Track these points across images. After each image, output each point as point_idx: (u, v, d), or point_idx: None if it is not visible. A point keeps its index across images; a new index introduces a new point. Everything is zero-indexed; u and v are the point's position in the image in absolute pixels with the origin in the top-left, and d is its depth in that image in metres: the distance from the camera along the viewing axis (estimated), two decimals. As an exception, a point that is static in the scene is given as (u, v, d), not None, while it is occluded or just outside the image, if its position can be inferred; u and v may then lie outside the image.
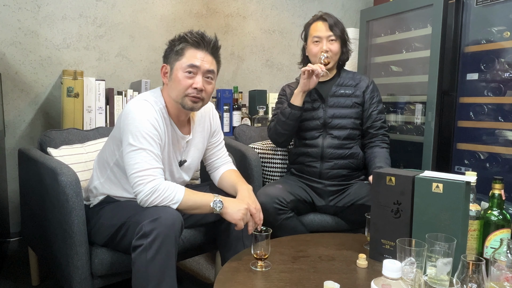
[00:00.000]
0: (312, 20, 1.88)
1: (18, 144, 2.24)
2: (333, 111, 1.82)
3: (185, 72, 1.35)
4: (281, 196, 1.66)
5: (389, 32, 2.65)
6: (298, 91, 1.75)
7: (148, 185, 1.26)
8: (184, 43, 1.37)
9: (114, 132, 1.43)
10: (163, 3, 2.62)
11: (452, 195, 1.10)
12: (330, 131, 1.81)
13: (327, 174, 1.79)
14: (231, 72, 2.94)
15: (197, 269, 2.06)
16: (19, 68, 2.22)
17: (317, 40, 1.82)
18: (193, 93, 1.36)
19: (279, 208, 1.64)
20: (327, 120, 1.81)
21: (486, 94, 2.13)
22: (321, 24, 1.83)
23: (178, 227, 1.23)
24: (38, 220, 1.60)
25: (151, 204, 1.27)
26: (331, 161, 1.80)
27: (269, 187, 1.74)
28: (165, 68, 1.41)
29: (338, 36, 1.82)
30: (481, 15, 2.12)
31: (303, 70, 1.70)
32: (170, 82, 1.39)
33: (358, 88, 1.87)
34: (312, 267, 1.19)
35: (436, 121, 2.24)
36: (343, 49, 1.86)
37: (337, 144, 1.80)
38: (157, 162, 1.31)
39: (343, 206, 1.76)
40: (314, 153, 1.82)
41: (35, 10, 2.22)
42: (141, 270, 1.18)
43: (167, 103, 1.42)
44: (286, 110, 1.77)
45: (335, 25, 1.82)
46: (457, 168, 2.25)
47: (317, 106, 1.83)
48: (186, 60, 1.35)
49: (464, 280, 0.88)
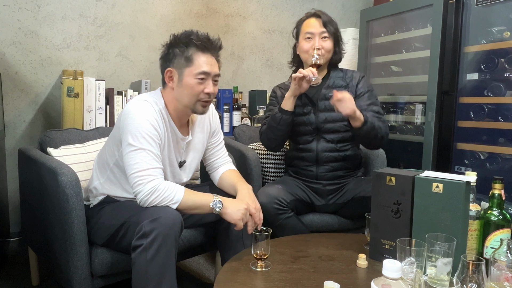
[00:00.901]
0: (305, 16, 1.82)
1: (18, 144, 2.24)
2: (324, 116, 1.75)
3: (196, 79, 1.36)
4: (280, 196, 1.65)
5: (389, 32, 2.65)
6: (289, 95, 1.69)
7: (148, 185, 1.27)
8: (192, 48, 1.36)
9: (113, 132, 1.43)
10: (163, 3, 2.62)
11: (452, 195, 1.09)
12: (324, 135, 1.77)
13: (324, 176, 1.78)
14: (231, 72, 2.94)
15: (197, 269, 2.06)
16: (19, 68, 2.22)
17: (309, 37, 1.75)
18: (205, 97, 1.39)
19: (279, 208, 1.64)
20: (319, 125, 1.76)
21: (486, 94, 2.13)
22: (314, 20, 1.77)
23: (178, 227, 1.23)
24: (38, 220, 1.60)
25: (151, 204, 1.27)
26: (327, 164, 1.77)
27: (268, 187, 1.73)
28: (170, 72, 1.39)
29: (332, 34, 1.76)
30: (481, 15, 2.12)
31: (294, 76, 1.64)
32: (180, 88, 1.38)
33: (349, 87, 1.78)
34: (312, 267, 1.19)
35: (436, 121, 2.24)
36: (336, 49, 1.79)
37: (331, 148, 1.76)
38: (157, 162, 1.32)
39: (343, 203, 1.76)
40: (309, 157, 1.78)
41: (35, 10, 2.22)
42: (141, 270, 1.18)
43: (168, 104, 1.42)
44: (277, 116, 1.71)
45: (329, 22, 1.76)
46: (457, 168, 2.25)
47: (308, 111, 1.78)
48: (197, 67, 1.35)
49: (464, 280, 0.88)
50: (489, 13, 2.09)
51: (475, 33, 2.15)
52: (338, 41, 1.81)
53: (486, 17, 2.10)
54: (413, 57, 2.49)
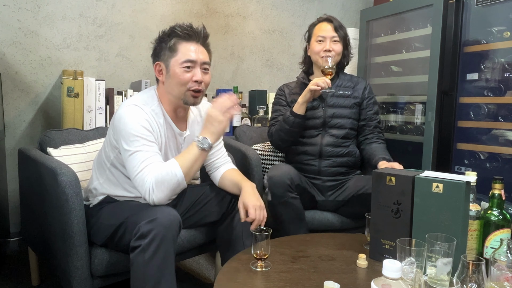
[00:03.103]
0: (318, 21, 1.94)
1: (18, 144, 2.24)
2: (332, 111, 1.86)
3: (182, 68, 1.36)
4: (292, 176, 1.69)
5: (389, 32, 2.65)
6: (302, 101, 1.77)
7: (147, 184, 1.26)
8: (175, 38, 1.37)
9: (108, 134, 1.44)
10: (163, 3, 2.62)
11: (452, 195, 1.09)
12: (329, 130, 1.86)
13: (326, 171, 1.83)
14: (231, 72, 2.94)
15: (197, 269, 2.06)
16: (19, 68, 2.21)
17: (321, 40, 1.86)
18: (194, 86, 1.38)
19: (289, 185, 1.67)
20: (327, 120, 1.86)
21: (486, 94, 2.13)
22: (326, 24, 1.89)
23: (176, 227, 1.22)
24: (38, 220, 1.60)
25: (163, 197, 1.27)
26: (330, 159, 1.84)
27: (282, 164, 1.80)
28: (159, 66, 1.41)
29: (342, 38, 1.88)
30: (481, 15, 2.12)
31: (311, 89, 1.72)
32: (169, 80, 1.39)
33: (356, 89, 1.92)
34: (312, 267, 1.19)
35: (436, 121, 2.24)
36: (345, 52, 1.92)
37: (335, 142, 1.84)
38: (152, 156, 1.30)
39: (343, 200, 1.80)
40: (312, 151, 1.85)
41: (35, 10, 2.22)
42: (139, 271, 1.18)
43: (163, 99, 1.42)
44: (290, 119, 1.79)
45: (340, 27, 1.89)
46: (457, 168, 2.25)
47: (316, 106, 1.87)
48: (182, 56, 1.36)
49: (464, 280, 0.88)
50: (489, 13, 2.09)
51: (475, 33, 2.14)
52: (347, 44, 1.94)
53: (486, 17, 2.10)
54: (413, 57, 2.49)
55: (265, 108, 2.64)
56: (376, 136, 1.91)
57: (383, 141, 1.92)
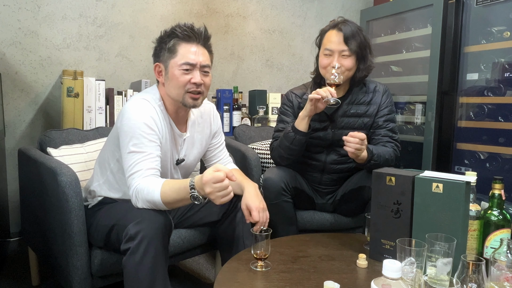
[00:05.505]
0: (328, 27, 1.67)
1: (18, 144, 2.23)
2: (342, 133, 1.57)
3: (181, 70, 1.33)
4: (287, 180, 1.65)
5: (389, 32, 2.65)
6: (304, 115, 1.57)
7: (131, 189, 1.26)
8: (175, 38, 1.34)
9: (113, 131, 1.42)
10: (163, 3, 2.62)
11: (452, 195, 1.09)
12: (336, 148, 1.71)
13: (327, 183, 1.79)
14: (231, 72, 2.94)
15: (197, 269, 2.06)
16: (19, 68, 2.21)
17: (329, 54, 1.62)
18: (192, 88, 1.34)
19: (284, 188, 1.63)
20: (334, 142, 1.69)
21: (486, 94, 2.13)
22: (335, 34, 1.61)
23: (164, 228, 1.21)
24: (38, 220, 1.60)
25: (140, 205, 1.24)
26: (332, 174, 1.76)
27: (279, 167, 1.70)
28: (158, 67, 1.39)
29: (354, 51, 1.60)
30: (481, 15, 2.12)
31: (311, 97, 1.52)
32: (168, 81, 1.37)
33: (372, 104, 1.69)
34: (312, 267, 1.19)
35: (436, 121, 2.24)
36: (360, 66, 1.65)
37: (340, 160, 1.72)
38: (146, 160, 1.27)
39: (340, 199, 1.77)
40: (315, 166, 1.76)
41: (35, 10, 2.22)
42: (131, 273, 1.17)
43: (165, 100, 1.41)
44: (290, 135, 1.60)
45: (352, 37, 1.59)
46: (457, 168, 2.25)
47: (325, 127, 1.68)
48: (181, 58, 1.33)
49: (464, 280, 0.88)
50: (489, 13, 2.09)
51: (475, 33, 2.15)
52: (363, 57, 1.65)
53: (486, 17, 2.10)
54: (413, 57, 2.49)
55: (265, 108, 2.65)
56: (387, 141, 1.67)
57: (393, 148, 1.68)
